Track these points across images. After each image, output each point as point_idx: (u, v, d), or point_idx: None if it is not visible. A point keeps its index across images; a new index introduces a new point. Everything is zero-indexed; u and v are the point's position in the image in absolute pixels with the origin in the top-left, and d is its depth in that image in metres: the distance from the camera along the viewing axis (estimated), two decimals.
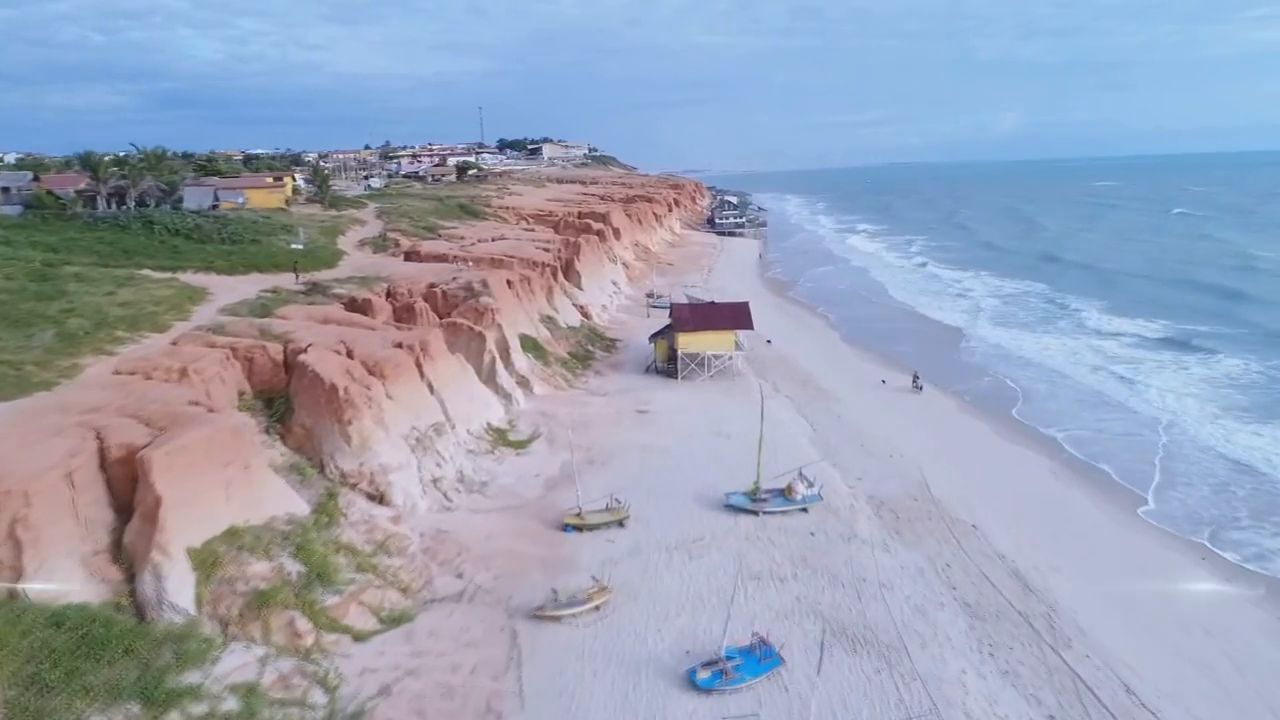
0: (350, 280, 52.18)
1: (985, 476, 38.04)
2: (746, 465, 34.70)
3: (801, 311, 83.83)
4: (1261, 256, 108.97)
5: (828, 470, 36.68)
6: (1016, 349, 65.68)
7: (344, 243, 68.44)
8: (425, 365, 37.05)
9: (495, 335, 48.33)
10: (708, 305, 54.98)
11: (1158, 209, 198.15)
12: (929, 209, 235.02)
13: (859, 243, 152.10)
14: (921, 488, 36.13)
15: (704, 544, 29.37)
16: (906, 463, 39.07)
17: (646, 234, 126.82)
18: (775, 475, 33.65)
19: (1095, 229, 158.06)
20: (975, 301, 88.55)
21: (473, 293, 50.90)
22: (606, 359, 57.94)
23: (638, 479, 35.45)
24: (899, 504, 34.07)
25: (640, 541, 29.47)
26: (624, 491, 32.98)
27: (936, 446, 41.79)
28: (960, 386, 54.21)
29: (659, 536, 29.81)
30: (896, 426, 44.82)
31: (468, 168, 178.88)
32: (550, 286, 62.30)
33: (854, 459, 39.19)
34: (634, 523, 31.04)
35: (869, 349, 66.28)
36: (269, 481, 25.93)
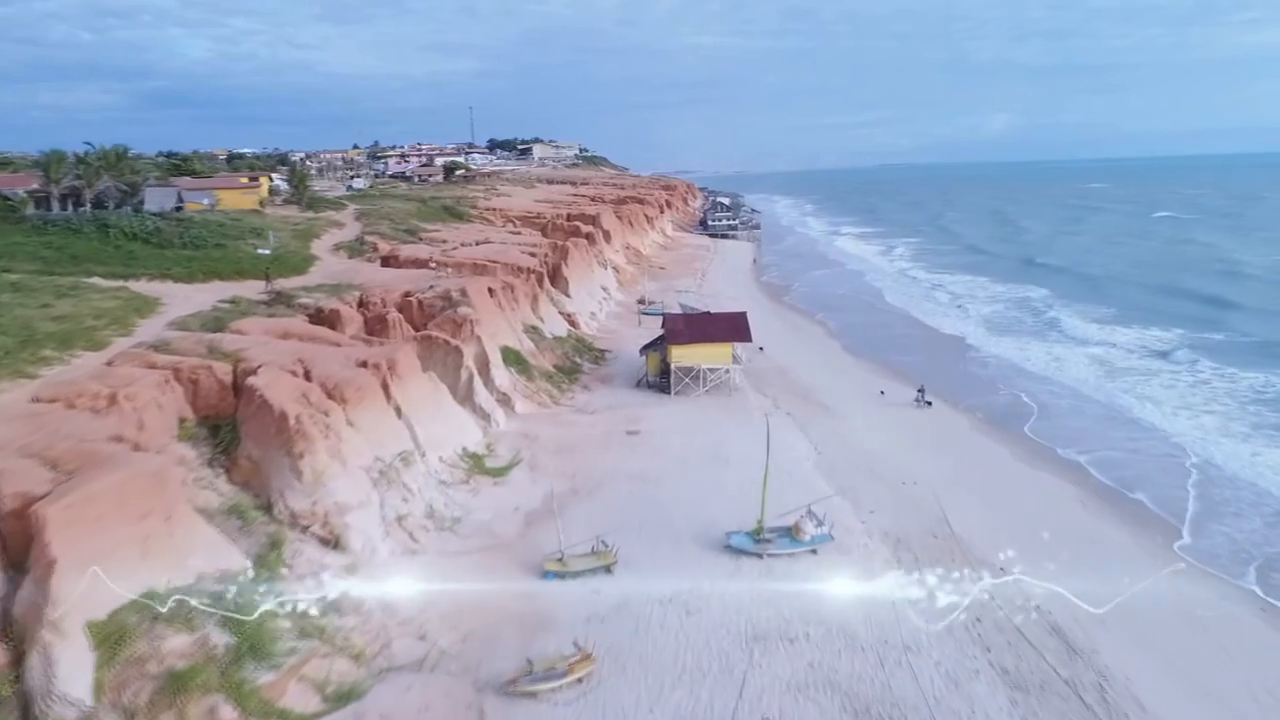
0: (319, 289, 48.54)
1: (1009, 508, 34.68)
2: (747, 496, 31.29)
3: (799, 318, 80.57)
4: (1250, 262, 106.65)
5: (838, 504, 33.24)
6: (1023, 359, 62.55)
7: (318, 247, 64.77)
8: (393, 386, 33.46)
9: (474, 349, 44.82)
10: (703, 316, 51.56)
11: (1146, 211, 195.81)
12: (921, 211, 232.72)
13: (853, 245, 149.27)
14: (941, 522, 32.78)
15: (702, 596, 25.89)
16: (922, 492, 35.71)
17: (638, 237, 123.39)
18: (780, 513, 30.21)
19: (1091, 232, 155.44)
20: (974, 307, 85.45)
21: (451, 302, 47.33)
22: (595, 372, 54.42)
23: (627, 513, 31.95)
24: (918, 543, 30.70)
25: (630, 593, 25.98)
26: (612, 529, 29.51)
27: (953, 472, 38.46)
28: (971, 401, 50.91)
29: (651, 585, 26.32)
30: (907, 448, 41.49)
31: (455, 168, 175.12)
32: (535, 294, 58.77)
33: (865, 488, 35.79)
34: (623, 568, 27.58)
35: (871, 359, 63.00)
36: (197, 532, 22.32)
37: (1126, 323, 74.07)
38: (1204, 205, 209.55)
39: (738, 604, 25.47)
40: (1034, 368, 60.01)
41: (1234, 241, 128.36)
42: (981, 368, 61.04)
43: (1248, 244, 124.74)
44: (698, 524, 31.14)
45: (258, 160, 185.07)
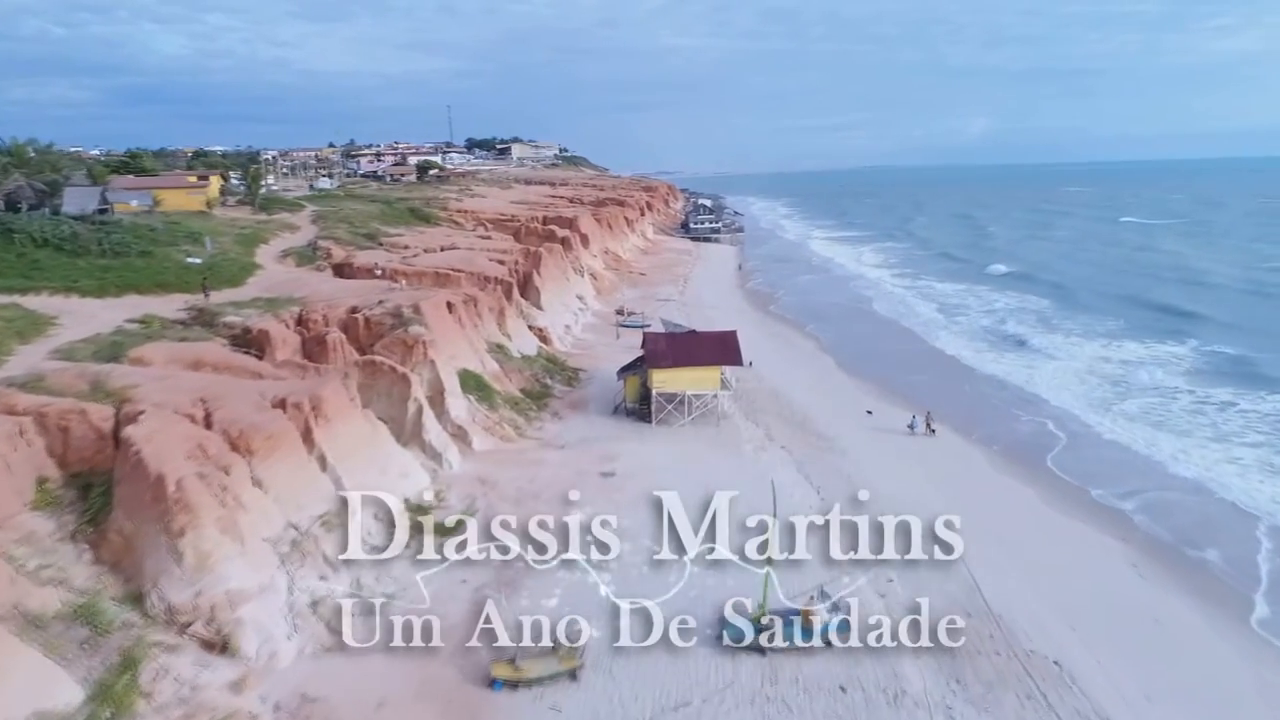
0: (253, 304, 42.72)
1: (1049, 572, 29.53)
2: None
3: (789, 331, 75.33)
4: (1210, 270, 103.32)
5: (853, 575, 27.86)
6: (1028, 378, 57.54)
7: (263, 254, 58.78)
8: (317, 430, 27.76)
9: (427, 375, 39.16)
10: (688, 336, 46.03)
11: (1150, 218, 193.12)
12: (904, 215, 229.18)
13: (836, 249, 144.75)
14: (973, 594, 27.54)
15: (692, 713, 20.41)
16: None
17: (617, 240, 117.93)
18: (787, 588, 24.79)
19: (1089, 240, 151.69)
20: (972, 319, 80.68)
21: (401, 320, 41.61)
22: (567, 396, 48.80)
23: (599, 587, 26.39)
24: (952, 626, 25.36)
25: (600, 711, 20.45)
26: (582, 609, 23.97)
27: (978, 524, 32.99)
28: (984, 431, 45.80)
29: (627, 701, 20.83)
30: (922, 492, 36.13)
31: (429, 167, 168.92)
32: (502, 307, 53.06)
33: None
34: (591, 671, 22.05)
35: (869, 378, 57.83)
36: (13, 659, 16.57)
37: (1135, 335, 69.57)
38: (1206, 213, 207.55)
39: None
40: (1043, 389, 54.98)
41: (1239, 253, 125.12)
42: (986, 388, 56.07)
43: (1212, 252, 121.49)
44: (684, 600, 25.62)
45: (223, 159, 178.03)
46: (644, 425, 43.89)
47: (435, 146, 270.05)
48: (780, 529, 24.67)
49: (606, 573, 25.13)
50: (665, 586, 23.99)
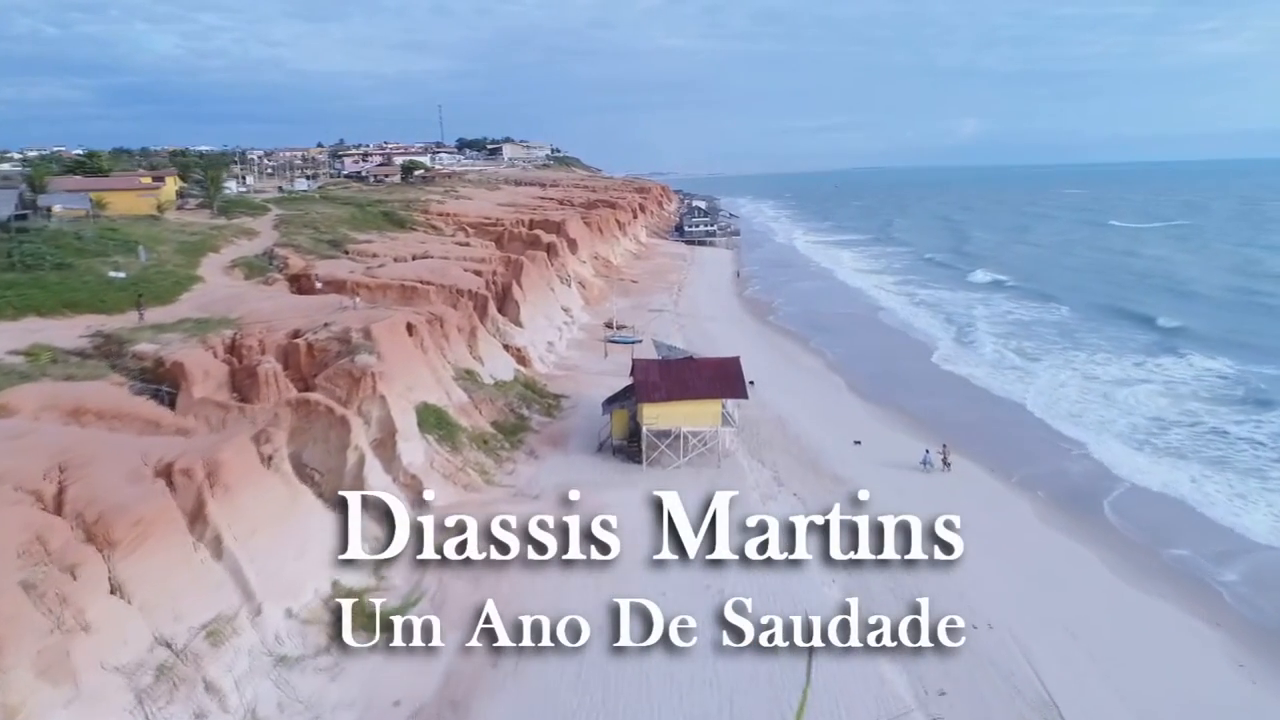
0: (178, 326, 36.70)
1: (1129, 667, 23.77)
2: (762, 671, 20.28)
3: (792, 345, 69.48)
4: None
5: (891, 673, 22.09)
6: (1049, 403, 51.82)
7: (209, 264, 52.68)
8: (213, 504, 21.73)
9: (377, 412, 33.25)
10: (683, 363, 39.91)
11: (1182, 224, 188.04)
12: (903, 216, 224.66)
13: (834, 254, 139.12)
14: (1045, 707, 21.73)
15: None
16: (999, 641, 24.70)
17: (608, 245, 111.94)
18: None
19: (1106, 244, 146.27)
20: (987, 331, 75.02)
21: (349, 346, 35.62)
22: (546, 429, 42.83)
23: (577, 714, 20.58)
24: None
25: None
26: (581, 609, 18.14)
27: (1035, 600, 27.50)
28: (1024, 471, 39.99)
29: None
30: (977, 564, 30.45)
31: (414, 168, 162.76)
32: (474, 327, 47.02)
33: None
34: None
35: (884, 402, 52.12)
36: None
37: (1175, 350, 63.92)
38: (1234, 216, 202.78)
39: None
40: (1067, 415, 49.12)
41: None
42: (1005, 414, 50.26)
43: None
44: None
45: (200, 159, 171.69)
46: (633, 467, 38.00)
47: (425, 147, 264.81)
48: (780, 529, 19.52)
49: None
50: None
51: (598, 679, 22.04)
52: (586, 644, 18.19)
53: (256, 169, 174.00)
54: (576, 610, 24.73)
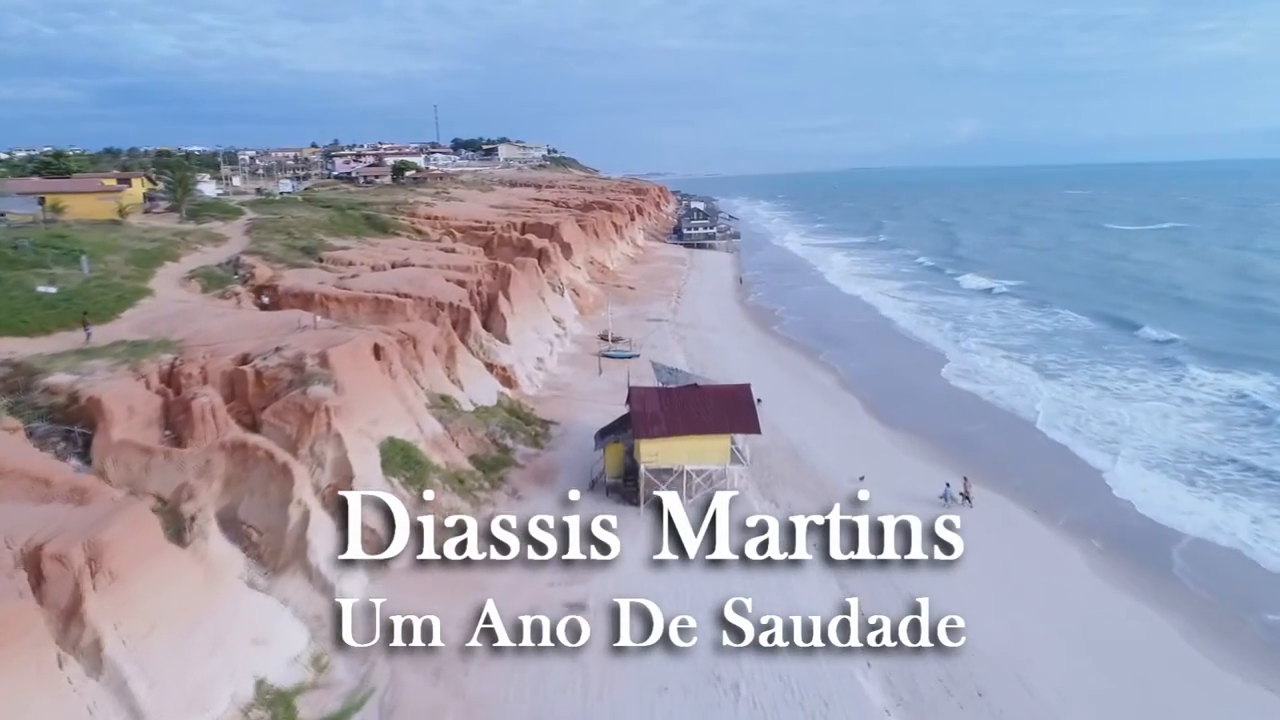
0: (108, 351, 32.06)
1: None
2: None
3: (800, 360, 64.88)
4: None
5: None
6: (1076, 424, 47.55)
7: (164, 275, 48.00)
8: (93, 599, 17.12)
9: (331, 454, 28.68)
10: (687, 392, 35.16)
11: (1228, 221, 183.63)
12: (906, 217, 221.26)
13: (835, 258, 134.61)
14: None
15: None
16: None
17: (604, 249, 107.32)
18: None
19: (1126, 244, 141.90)
20: (1011, 343, 70.42)
21: (303, 375, 31.02)
22: (532, 462, 38.20)
23: None
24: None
25: None
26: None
27: (1109, 691, 22.94)
28: (1071, 513, 35.48)
29: None
30: (1013, 623, 25.99)
31: (405, 168, 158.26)
32: (452, 346, 42.39)
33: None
34: None
35: (900, 425, 47.73)
36: None
37: (1212, 362, 59.44)
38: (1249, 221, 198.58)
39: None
40: (1112, 443, 44.32)
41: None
42: (1035, 438, 45.96)
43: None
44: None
45: (186, 159, 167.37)
46: (629, 510, 33.36)
47: (420, 147, 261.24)
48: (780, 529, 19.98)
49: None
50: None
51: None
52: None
53: (244, 170, 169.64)
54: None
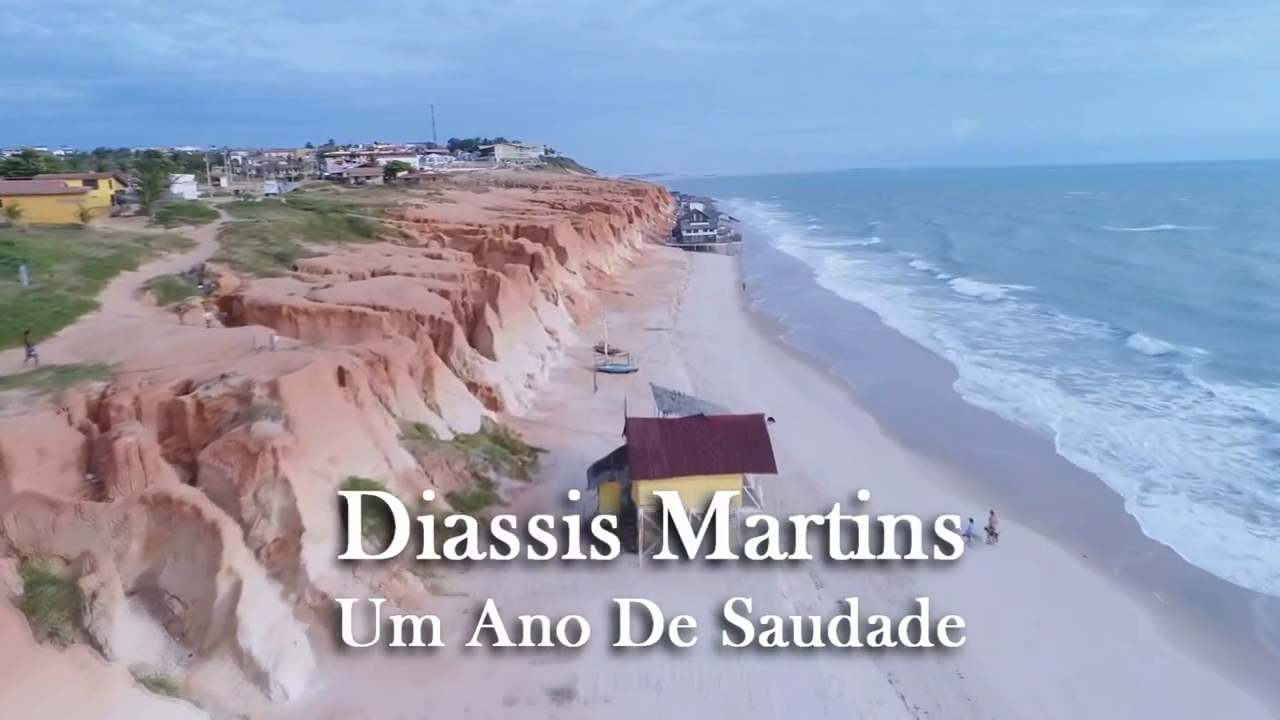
0: (30, 379, 27.87)
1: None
2: None
3: (810, 373, 60.74)
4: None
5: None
6: (1111, 448, 43.70)
7: (118, 286, 43.81)
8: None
9: (277, 502, 24.54)
10: (692, 424, 30.77)
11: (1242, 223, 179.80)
12: (905, 219, 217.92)
13: (837, 261, 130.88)
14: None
15: None
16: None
17: (600, 253, 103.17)
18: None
19: (1148, 246, 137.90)
20: (1002, 350, 67.11)
21: (250, 407, 26.83)
22: (518, 498, 33.94)
23: None
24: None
25: None
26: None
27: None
28: (1134, 558, 31.42)
29: None
30: (1057, 683, 21.96)
31: (397, 169, 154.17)
32: (430, 367, 38.21)
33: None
34: None
35: (922, 448, 43.80)
36: None
37: (1241, 379, 55.40)
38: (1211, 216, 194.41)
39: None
40: (1145, 471, 40.38)
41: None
42: (1058, 464, 42.22)
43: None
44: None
45: (172, 160, 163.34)
46: (625, 559, 29.22)
47: (416, 147, 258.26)
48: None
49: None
50: None
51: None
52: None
53: (229, 170, 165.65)
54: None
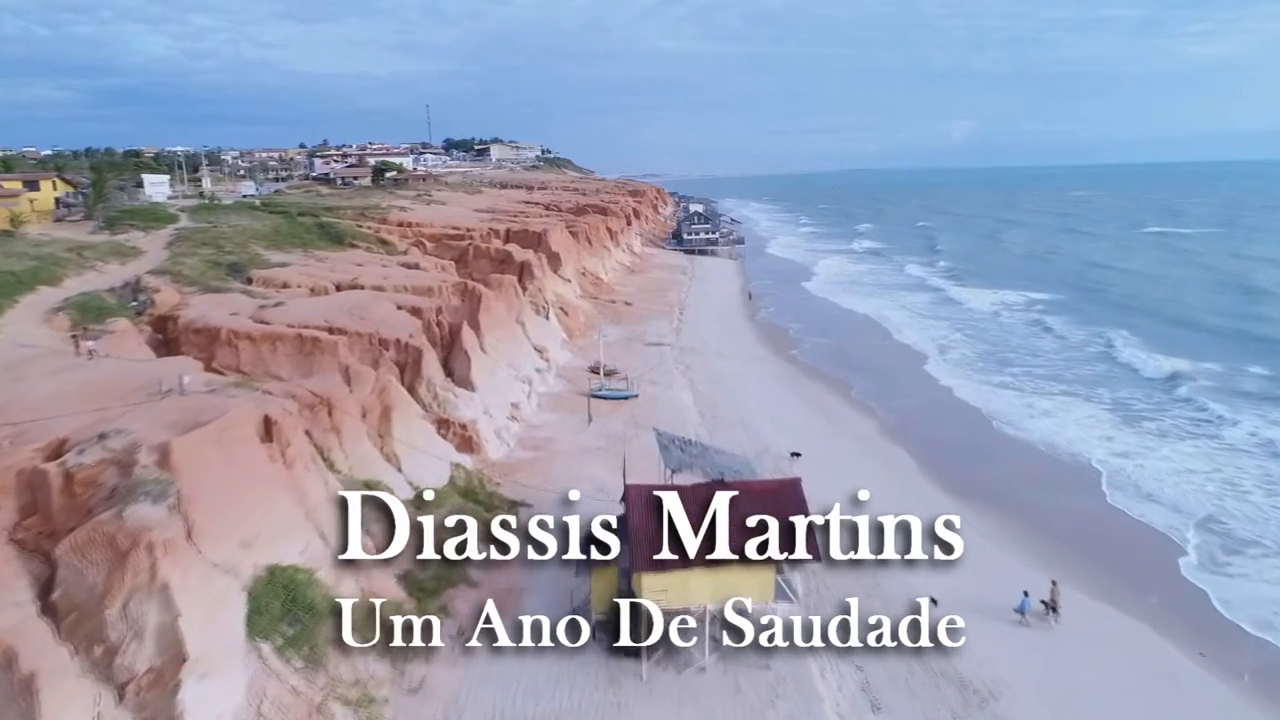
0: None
1: None
2: None
3: (830, 397, 54.31)
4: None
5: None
6: (1182, 495, 37.64)
7: (27, 306, 37.37)
8: None
9: (154, 617, 18.24)
10: (708, 491, 23.95)
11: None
12: (904, 220, 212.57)
13: (846, 266, 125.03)
14: None
15: None
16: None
17: (597, 258, 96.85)
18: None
19: (1144, 249, 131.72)
20: (1028, 369, 61.01)
21: (131, 482, 20.35)
22: (489, 578, 27.41)
23: None
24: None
25: None
26: None
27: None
28: (1262, 657, 25.10)
29: None
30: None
31: (386, 168, 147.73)
32: (387, 407, 31.68)
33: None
34: None
35: (973, 497, 37.48)
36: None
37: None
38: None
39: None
40: (1229, 525, 34.60)
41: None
42: (1133, 524, 35.65)
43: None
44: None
45: (155, 160, 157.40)
46: (626, 668, 22.83)
47: (411, 147, 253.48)
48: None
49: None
50: None
51: None
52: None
53: (214, 170, 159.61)
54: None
